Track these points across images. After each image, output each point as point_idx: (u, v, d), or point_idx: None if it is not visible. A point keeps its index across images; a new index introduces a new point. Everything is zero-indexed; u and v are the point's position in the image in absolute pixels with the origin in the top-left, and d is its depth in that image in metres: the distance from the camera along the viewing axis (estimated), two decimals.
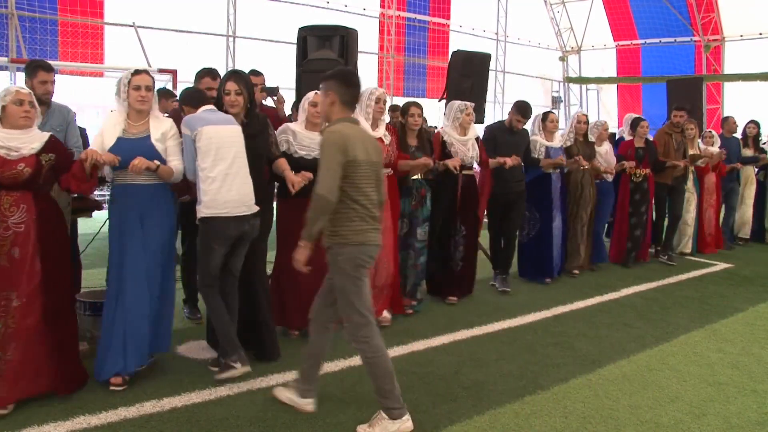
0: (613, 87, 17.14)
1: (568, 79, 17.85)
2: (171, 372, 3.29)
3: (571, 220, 5.88)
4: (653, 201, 6.62)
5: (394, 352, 3.71)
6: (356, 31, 5.00)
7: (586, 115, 6.10)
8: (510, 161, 4.95)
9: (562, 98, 17.78)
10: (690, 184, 6.89)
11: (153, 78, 3.28)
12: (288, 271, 3.60)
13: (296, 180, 3.47)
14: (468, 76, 6.14)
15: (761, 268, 6.54)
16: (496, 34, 16.41)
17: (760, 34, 14.50)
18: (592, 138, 6.05)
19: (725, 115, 9.78)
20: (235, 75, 3.45)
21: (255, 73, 5.02)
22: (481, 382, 3.28)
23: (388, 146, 4.18)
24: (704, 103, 10.61)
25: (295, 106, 5.58)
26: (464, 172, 4.77)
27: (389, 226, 4.24)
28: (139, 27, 10.55)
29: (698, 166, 6.98)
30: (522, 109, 5.25)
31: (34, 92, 3.81)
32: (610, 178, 6.16)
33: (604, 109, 17.28)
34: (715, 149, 7.20)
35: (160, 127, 3.22)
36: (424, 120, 4.82)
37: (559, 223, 5.67)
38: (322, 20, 9.62)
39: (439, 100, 6.42)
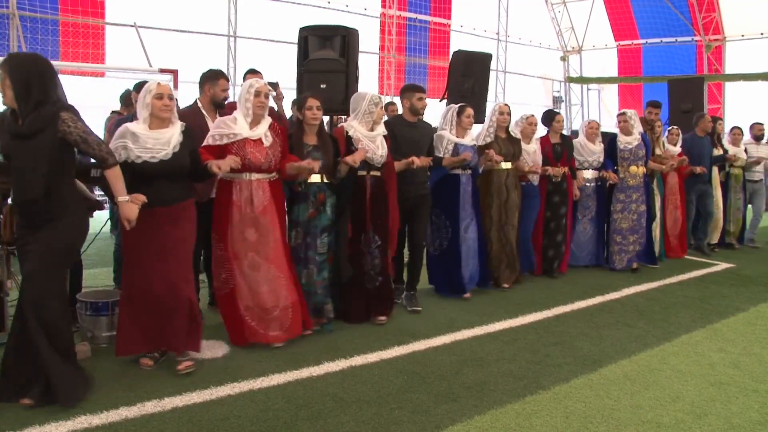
0: (615, 87, 17.17)
1: (570, 79, 17.86)
2: (172, 372, 3.29)
3: (498, 228, 5.25)
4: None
5: (395, 351, 3.72)
6: (357, 30, 5.01)
7: (508, 105, 5.32)
8: (419, 161, 4.37)
9: (564, 98, 17.79)
10: (654, 183, 6.50)
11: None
12: (139, 289, 3.28)
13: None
14: (469, 76, 6.15)
15: (763, 268, 6.53)
16: (497, 34, 16.42)
17: (761, 33, 14.51)
18: (517, 134, 5.44)
19: (730, 117, 9.67)
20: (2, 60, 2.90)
21: (252, 71, 5.03)
22: (483, 382, 3.28)
23: (268, 148, 3.64)
24: (705, 103, 10.58)
25: (295, 105, 5.59)
26: (372, 173, 4.22)
27: (277, 239, 3.68)
28: (140, 27, 10.55)
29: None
30: (409, 86, 4.66)
31: None
32: (535, 180, 5.60)
33: (606, 109, 17.29)
34: (677, 149, 6.80)
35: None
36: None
37: (473, 232, 4.99)
38: (323, 20, 9.62)
39: (440, 100, 6.43)
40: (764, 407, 3.07)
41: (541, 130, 5.90)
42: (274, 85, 4.92)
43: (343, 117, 5.23)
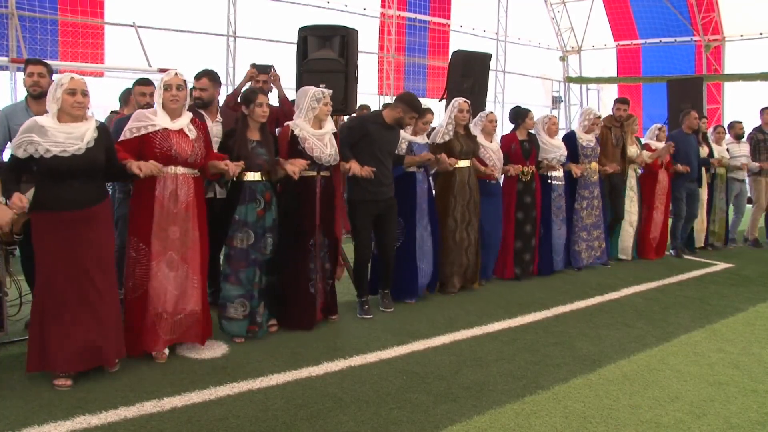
0: (614, 87, 17.18)
1: (569, 79, 17.87)
2: (171, 372, 3.29)
3: (463, 229, 5.06)
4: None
5: (395, 351, 3.72)
6: (356, 30, 4.99)
7: (468, 102, 5.11)
8: (361, 170, 4.18)
9: (563, 98, 17.80)
10: (633, 182, 6.47)
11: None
12: (52, 301, 3.01)
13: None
14: (468, 76, 6.14)
15: (762, 268, 6.54)
16: (497, 34, 16.41)
17: (761, 34, 14.52)
18: (475, 132, 5.28)
19: (730, 117, 9.64)
20: None
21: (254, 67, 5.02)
22: (482, 382, 3.28)
23: (194, 141, 3.47)
24: (704, 103, 10.59)
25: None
26: (323, 173, 4.07)
27: (196, 239, 3.50)
28: (139, 27, 10.56)
29: (646, 163, 6.47)
30: (411, 103, 4.39)
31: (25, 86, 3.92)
32: (500, 179, 5.47)
33: (605, 109, 17.28)
34: (660, 144, 6.65)
35: None
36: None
37: (427, 232, 4.82)
38: (322, 20, 9.64)
39: (440, 100, 6.43)
40: (763, 407, 3.07)
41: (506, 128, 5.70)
42: (267, 68, 4.86)
43: (344, 117, 5.21)
